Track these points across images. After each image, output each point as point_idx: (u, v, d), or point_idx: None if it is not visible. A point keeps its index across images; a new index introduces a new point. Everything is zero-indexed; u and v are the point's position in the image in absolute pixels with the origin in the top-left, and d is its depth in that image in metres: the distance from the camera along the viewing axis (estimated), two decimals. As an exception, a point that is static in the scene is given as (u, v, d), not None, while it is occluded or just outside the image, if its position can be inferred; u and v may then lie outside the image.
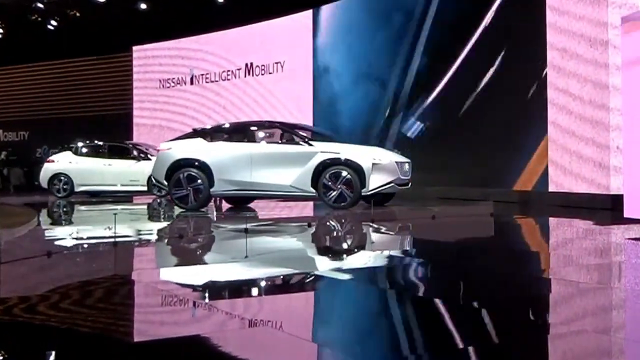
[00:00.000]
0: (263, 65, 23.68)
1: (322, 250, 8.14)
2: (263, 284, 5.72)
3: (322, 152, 13.09)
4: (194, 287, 5.66)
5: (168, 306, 4.83)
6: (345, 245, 8.51)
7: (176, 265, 7.06)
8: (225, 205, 15.37)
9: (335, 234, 9.95)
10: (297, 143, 13.36)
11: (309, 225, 10.19)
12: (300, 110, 21.63)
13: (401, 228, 10.86)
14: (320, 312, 4.82)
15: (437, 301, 4.88)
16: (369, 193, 12.91)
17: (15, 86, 32.53)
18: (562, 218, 12.01)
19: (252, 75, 24.03)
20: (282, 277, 6.07)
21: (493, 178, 16.46)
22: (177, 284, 5.85)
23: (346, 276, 5.99)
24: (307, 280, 5.86)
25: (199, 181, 13.40)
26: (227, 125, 15.49)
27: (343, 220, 11.62)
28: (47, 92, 31.57)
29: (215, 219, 12.96)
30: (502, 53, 16.33)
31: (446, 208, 13.55)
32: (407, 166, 13.63)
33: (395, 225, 11.22)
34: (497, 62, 16.49)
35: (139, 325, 4.44)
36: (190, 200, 13.43)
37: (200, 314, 4.59)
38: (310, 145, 13.25)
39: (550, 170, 14.67)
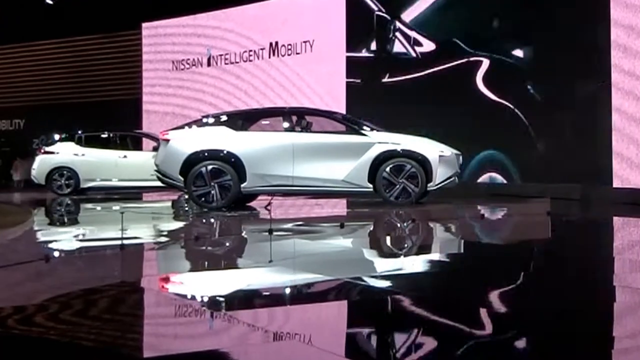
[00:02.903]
0: (289, 45, 23.70)
1: (358, 254, 8.12)
2: (289, 291, 5.72)
3: (379, 142, 13.05)
4: (211, 296, 5.67)
5: (182, 317, 4.84)
6: (383, 248, 8.49)
7: (191, 271, 7.08)
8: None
9: (372, 234, 9.93)
10: (349, 132, 13.31)
11: (342, 226, 10.17)
12: (331, 96, 21.60)
13: (448, 229, 10.81)
14: (354, 323, 4.81)
15: (485, 311, 4.85)
16: (434, 188, 12.96)
17: (10, 69, 32.78)
18: (628, 217, 11.92)
19: (277, 55, 24.07)
20: (310, 284, 6.07)
21: (550, 172, 16.36)
22: (192, 292, 5.87)
23: (384, 283, 5.98)
24: (340, 287, 5.85)
25: (227, 176, 13.15)
26: (256, 112, 15.39)
27: (380, 220, 11.59)
28: (45, 75, 31.78)
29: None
30: (561, 33, 16.20)
31: (497, 206, 13.49)
32: (460, 159, 13.67)
33: (441, 225, 11.19)
34: (554, 44, 16.37)
35: (149, 339, 4.45)
36: (215, 197, 13.17)
37: (219, 326, 4.60)
38: (364, 135, 13.21)
39: (614, 163, 14.54)
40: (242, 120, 14.14)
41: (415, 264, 7.28)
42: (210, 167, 13.18)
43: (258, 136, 13.57)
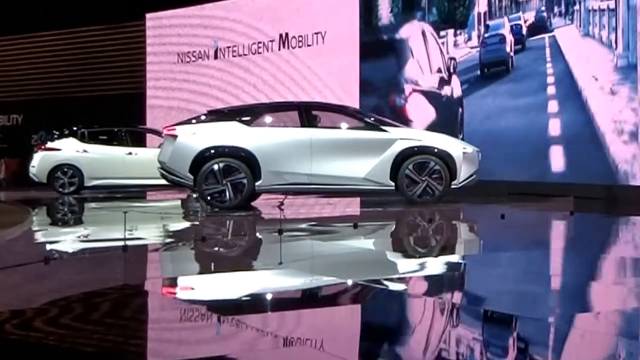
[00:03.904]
0: (300, 36, 23.64)
1: (372, 255, 8.11)
2: (300, 295, 5.72)
3: (401, 139, 13.00)
4: (217, 299, 5.67)
5: (187, 321, 4.84)
6: (398, 250, 8.49)
7: (198, 273, 7.08)
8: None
9: (387, 235, 9.92)
10: (369, 128, 13.23)
11: (355, 227, 10.16)
12: (344, 90, 21.56)
13: (465, 229, 10.80)
14: (368, 328, 4.81)
15: (507, 315, 4.84)
16: (458, 186, 12.93)
17: (8, 61, 32.78)
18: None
19: (288, 47, 24.02)
20: (322, 287, 6.06)
21: (573, 170, 16.27)
22: (197, 295, 5.87)
23: (399, 286, 5.97)
24: (352, 290, 5.84)
25: (240, 174, 12.89)
26: (269, 106, 15.31)
27: (395, 220, 11.59)
28: (44, 68, 31.76)
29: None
30: (583, 25, 16.15)
31: (517, 205, 13.47)
32: (480, 156, 13.61)
33: (459, 225, 11.17)
34: (574, 37, 16.34)
35: (152, 344, 4.46)
36: (228, 196, 12.89)
37: (226, 331, 4.60)
38: (385, 131, 13.19)
39: (640, 160, 14.49)
40: (254, 115, 13.81)
41: (433, 266, 7.27)
42: (222, 165, 12.91)
43: (273, 132, 13.37)
